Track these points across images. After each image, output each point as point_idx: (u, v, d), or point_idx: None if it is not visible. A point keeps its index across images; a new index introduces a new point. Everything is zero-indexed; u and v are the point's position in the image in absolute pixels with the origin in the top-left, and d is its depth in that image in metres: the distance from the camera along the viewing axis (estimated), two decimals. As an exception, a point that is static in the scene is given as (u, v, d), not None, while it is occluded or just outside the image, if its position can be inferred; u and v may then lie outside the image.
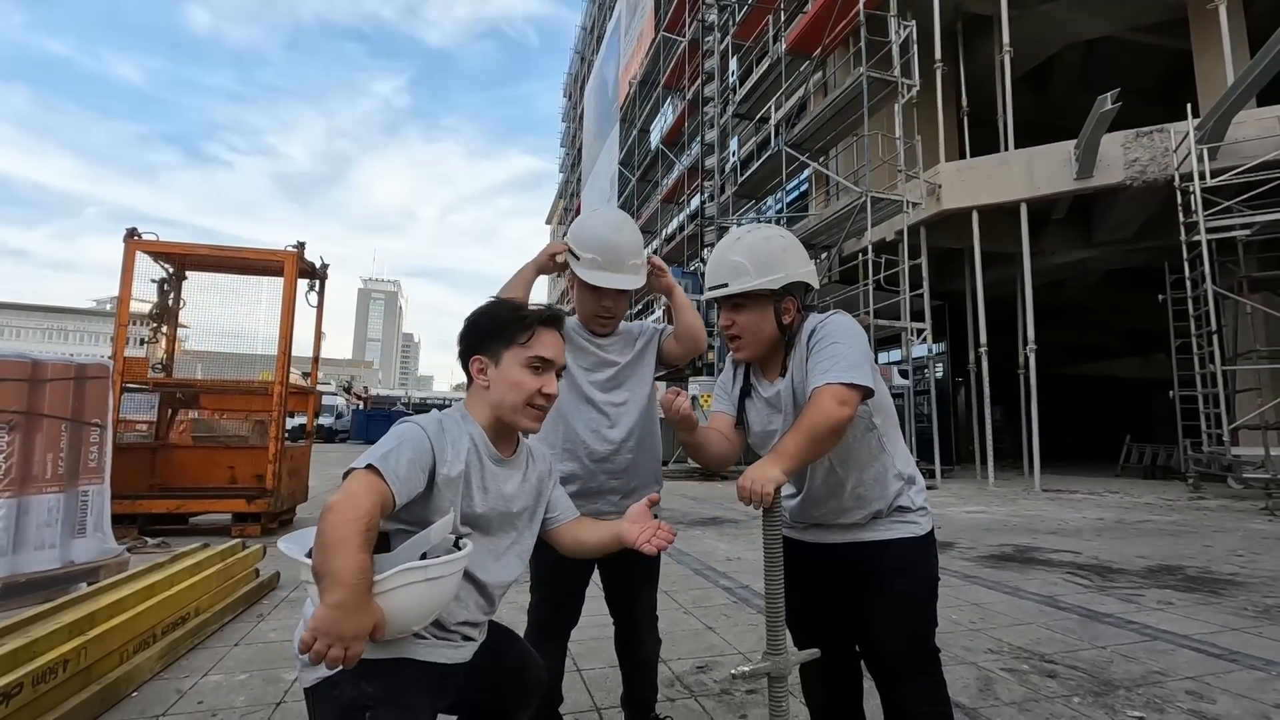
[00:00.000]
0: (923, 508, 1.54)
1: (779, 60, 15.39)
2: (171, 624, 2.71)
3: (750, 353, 1.56)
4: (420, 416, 1.26)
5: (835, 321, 1.47)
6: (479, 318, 1.34)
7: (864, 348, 1.42)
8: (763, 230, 1.56)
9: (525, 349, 1.29)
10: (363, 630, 0.96)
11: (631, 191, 26.55)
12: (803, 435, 1.32)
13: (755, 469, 1.32)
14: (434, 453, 1.18)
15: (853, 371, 1.36)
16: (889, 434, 1.53)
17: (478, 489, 1.26)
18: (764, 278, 1.48)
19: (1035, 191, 11.41)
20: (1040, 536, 5.95)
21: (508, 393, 1.28)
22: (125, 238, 5.66)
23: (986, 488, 11.00)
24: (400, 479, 1.09)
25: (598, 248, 1.79)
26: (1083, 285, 16.53)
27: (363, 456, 1.10)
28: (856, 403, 1.36)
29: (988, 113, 13.91)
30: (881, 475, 1.51)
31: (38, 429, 3.54)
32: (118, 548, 3.96)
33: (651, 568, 1.93)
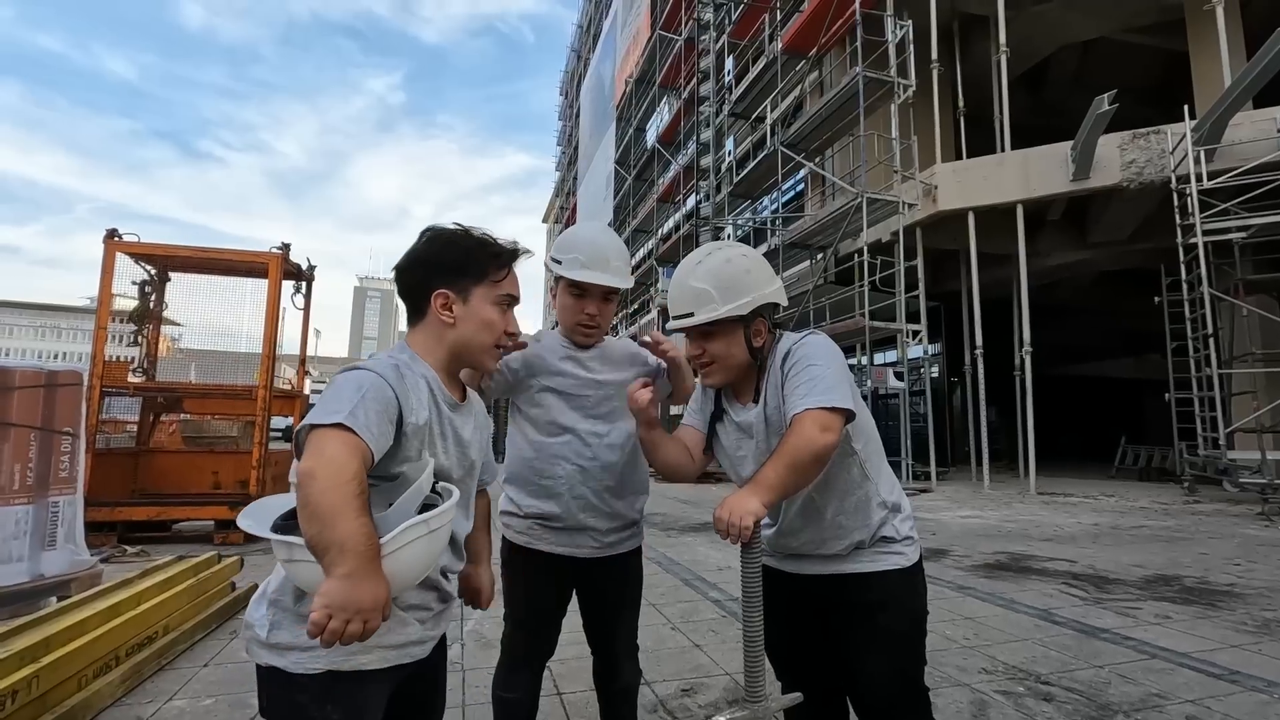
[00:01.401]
0: (909, 537, 1.45)
1: (775, 59, 15.29)
2: (137, 645, 2.61)
3: (721, 378, 1.48)
4: (373, 360, 1.13)
5: (811, 342, 1.39)
6: (447, 245, 1.20)
7: (842, 368, 1.34)
8: (724, 251, 1.47)
9: (497, 287, 1.21)
10: (380, 598, 0.89)
11: (627, 190, 26.45)
12: (783, 464, 1.24)
13: (734, 500, 1.23)
14: (399, 401, 1.07)
15: (832, 394, 1.27)
16: (871, 459, 1.45)
17: (439, 437, 1.17)
18: (731, 304, 1.39)
19: (1031, 193, 11.35)
20: (1035, 544, 5.88)
21: (478, 332, 1.19)
22: (105, 239, 5.55)
23: (981, 490, 10.96)
24: (374, 435, 0.99)
25: (582, 247, 1.70)
26: (1077, 286, 16.51)
27: (319, 412, 0.98)
28: (840, 428, 1.27)
29: (984, 113, 13.85)
30: (863, 503, 1.42)
31: (5, 438, 3.43)
32: (90, 559, 3.85)
33: (633, 592, 1.84)
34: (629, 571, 1.81)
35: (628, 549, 1.80)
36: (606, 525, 1.73)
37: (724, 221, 16.99)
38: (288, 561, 0.97)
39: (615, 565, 1.76)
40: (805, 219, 14.43)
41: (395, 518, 1.01)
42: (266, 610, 1.04)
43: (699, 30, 18.47)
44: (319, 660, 1.00)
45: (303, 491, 0.89)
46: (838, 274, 14.15)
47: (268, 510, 1.08)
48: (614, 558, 1.76)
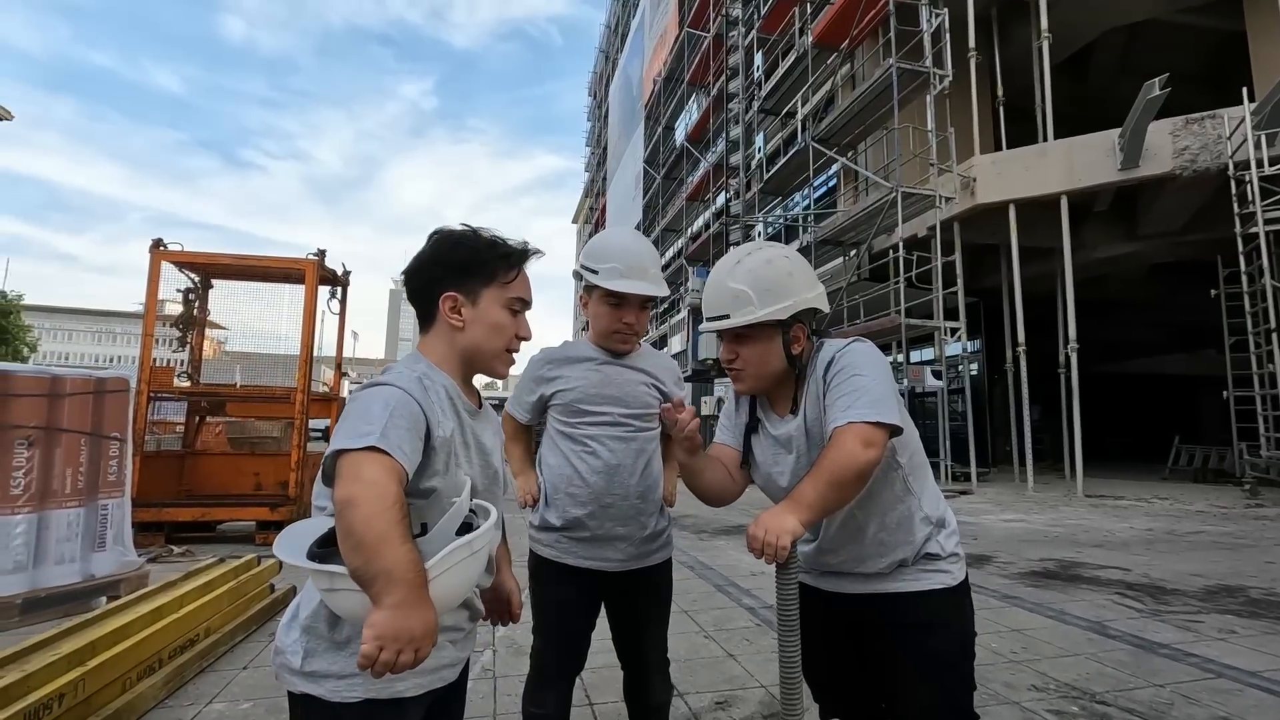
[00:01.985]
0: (954, 554, 1.37)
1: (805, 53, 15.04)
2: (179, 647, 2.66)
3: (753, 385, 1.41)
4: (391, 374, 1.11)
5: (856, 351, 1.31)
6: (454, 246, 1.16)
7: (889, 380, 1.27)
8: (765, 252, 1.40)
9: (507, 289, 1.17)
10: (430, 626, 0.88)
11: (656, 190, 26.39)
12: (823, 481, 1.17)
13: (770, 517, 1.17)
14: (425, 415, 1.05)
15: (878, 408, 1.20)
16: (915, 473, 1.37)
17: (462, 447, 1.15)
18: (770, 307, 1.33)
19: (1076, 183, 10.92)
20: (1085, 550, 5.64)
21: (489, 337, 1.16)
22: (151, 248, 5.73)
23: (1025, 493, 10.59)
24: (406, 454, 0.97)
25: (618, 255, 1.66)
26: (1126, 280, 15.82)
27: (348, 433, 0.95)
28: (884, 444, 1.20)
29: (1024, 103, 13.39)
30: (906, 519, 1.35)
31: (57, 444, 3.55)
32: (138, 560, 3.97)
33: (662, 608, 1.79)
34: (659, 584, 1.77)
35: (658, 560, 1.76)
36: (636, 535, 1.69)
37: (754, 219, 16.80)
38: (329, 591, 0.94)
39: (645, 578, 1.72)
40: (838, 215, 14.16)
41: (437, 541, 0.98)
42: (299, 636, 1.02)
43: (727, 26, 18.30)
44: (356, 689, 0.99)
45: (344, 520, 0.87)
46: (872, 271, 13.87)
47: (300, 536, 1.04)
48: (644, 570, 1.72)
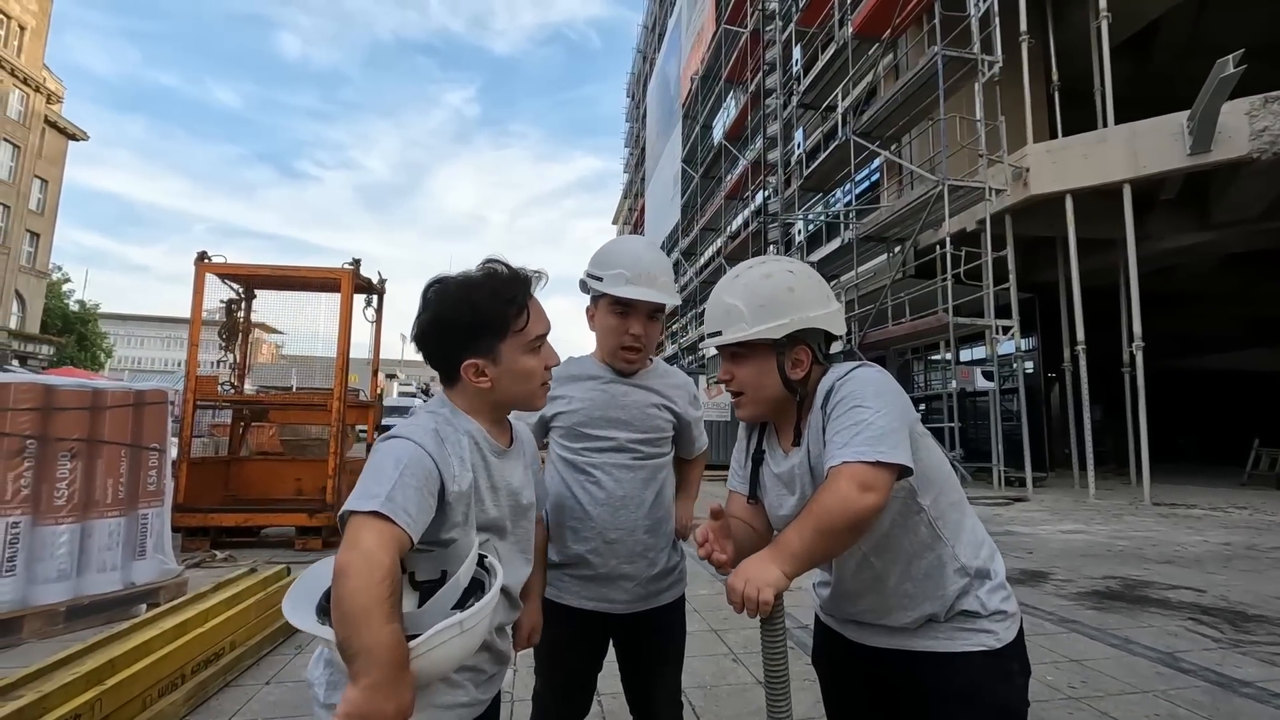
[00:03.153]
0: (1000, 612, 1.18)
1: (845, 45, 14.62)
2: (204, 661, 2.67)
3: (752, 411, 1.28)
4: (409, 426, 1.09)
5: (859, 378, 1.15)
6: (456, 308, 1.12)
7: (898, 410, 1.11)
8: (766, 266, 1.27)
9: (524, 334, 1.15)
10: (404, 707, 0.88)
11: (695, 189, 26.19)
12: (810, 529, 1.03)
13: (750, 566, 1.04)
14: (440, 472, 1.04)
15: (880, 445, 1.04)
16: (945, 515, 1.19)
17: (487, 491, 1.14)
18: (762, 325, 1.20)
19: (1140, 170, 10.25)
20: (1153, 567, 5.24)
21: (518, 385, 1.17)
22: (195, 261, 5.90)
23: (1085, 500, 10.00)
24: (413, 518, 0.96)
25: (625, 261, 1.55)
26: (1197, 272, 14.83)
27: (358, 493, 0.96)
28: (887, 487, 1.04)
29: (1080, 88, 12.68)
30: (935, 570, 1.17)
31: (99, 455, 3.65)
32: (177, 568, 4.07)
33: (673, 651, 1.66)
34: (670, 627, 1.64)
35: (669, 600, 1.62)
36: (645, 573, 1.56)
37: (793, 217, 16.44)
38: (331, 652, 0.96)
39: (654, 620, 1.59)
40: (881, 210, 13.70)
41: (431, 613, 0.98)
42: (324, 670, 1.04)
43: (764, 21, 17.96)
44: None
45: (336, 589, 0.88)
46: (917, 267, 13.37)
47: (318, 579, 1.04)
48: (653, 612, 1.59)
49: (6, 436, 3.31)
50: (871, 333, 13.36)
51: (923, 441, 1.17)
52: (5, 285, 30.41)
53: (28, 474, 3.36)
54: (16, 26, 31.29)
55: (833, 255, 15.52)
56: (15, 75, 30.61)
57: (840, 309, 1.28)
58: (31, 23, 32.19)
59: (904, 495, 1.14)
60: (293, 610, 0.99)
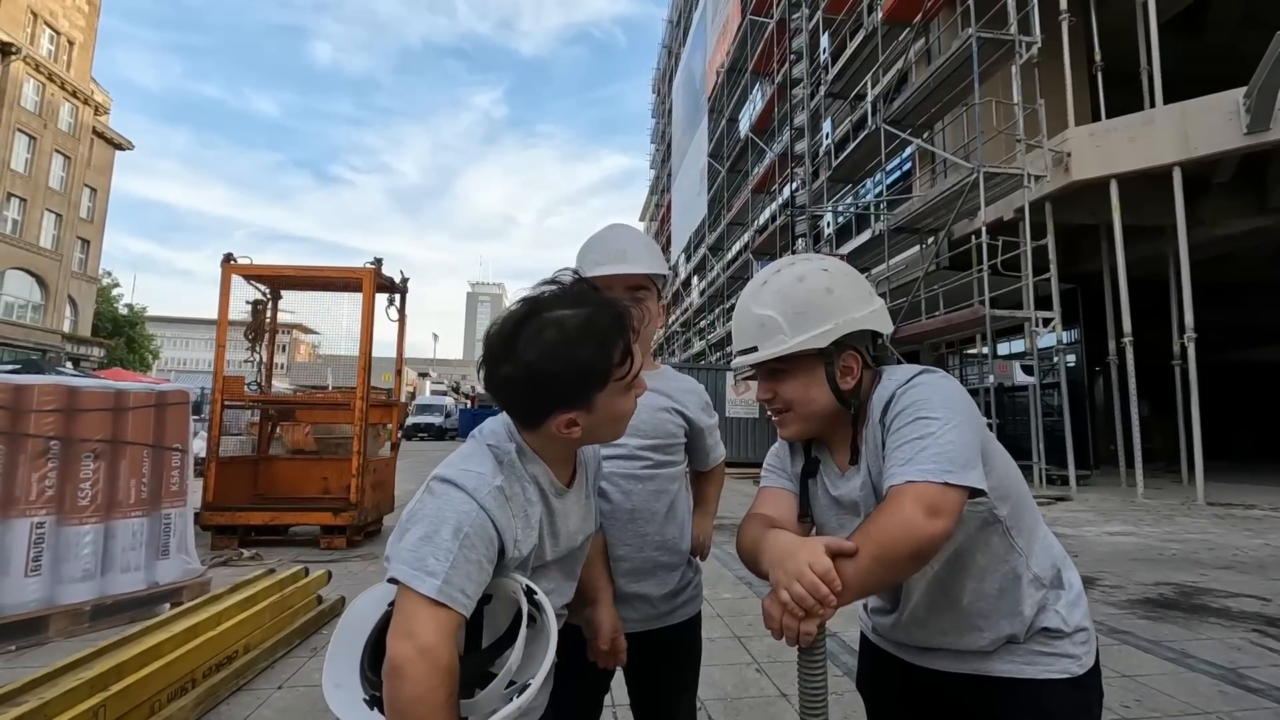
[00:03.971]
0: (1082, 629, 1.06)
1: (875, 31, 14.23)
2: (215, 665, 2.64)
3: (800, 429, 1.14)
4: (469, 472, 0.97)
5: (923, 384, 1.01)
6: (556, 369, 0.96)
7: (968, 422, 0.97)
8: (797, 268, 1.12)
9: (624, 379, 1.03)
10: None
11: (721, 183, 25.93)
12: (867, 556, 0.90)
13: None
14: (501, 538, 0.96)
15: (950, 464, 0.91)
16: (1020, 523, 1.06)
17: (548, 538, 1.06)
18: (805, 334, 1.06)
19: (1191, 152, 9.72)
20: (1210, 572, 4.91)
21: (609, 429, 1.07)
22: (222, 262, 5.97)
23: (1134, 500, 9.54)
24: (470, 598, 0.90)
25: (595, 246, 1.48)
26: (1255, 259, 14.05)
27: (411, 558, 0.88)
28: (956, 511, 0.90)
29: (1125, 67, 12.09)
30: (1011, 583, 1.05)
31: (122, 456, 3.68)
32: (200, 567, 4.09)
33: (689, 671, 1.53)
34: (686, 644, 1.51)
35: (684, 617, 1.49)
36: (657, 590, 1.44)
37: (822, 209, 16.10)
38: None
39: (669, 639, 1.46)
40: (913, 200, 13.30)
41: (483, 706, 0.93)
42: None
43: (790, 9, 17.61)
44: None
45: (391, 687, 0.84)
46: (952, 259, 12.93)
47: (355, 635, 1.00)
48: (667, 630, 1.46)
49: (31, 438, 3.35)
50: (904, 327, 12.98)
51: (992, 448, 1.03)
52: (59, 290, 31.72)
53: (52, 475, 3.39)
54: (65, 41, 32.56)
55: (863, 248, 15.14)
56: (65, 88, 31.86)
57: (883, 305, 1.14)
58: (79, 37, 33.45)
59: (983, 511, 1.01)
60: (335, 694, 0.94)
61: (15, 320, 29.41)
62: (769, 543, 1.02)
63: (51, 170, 31.33)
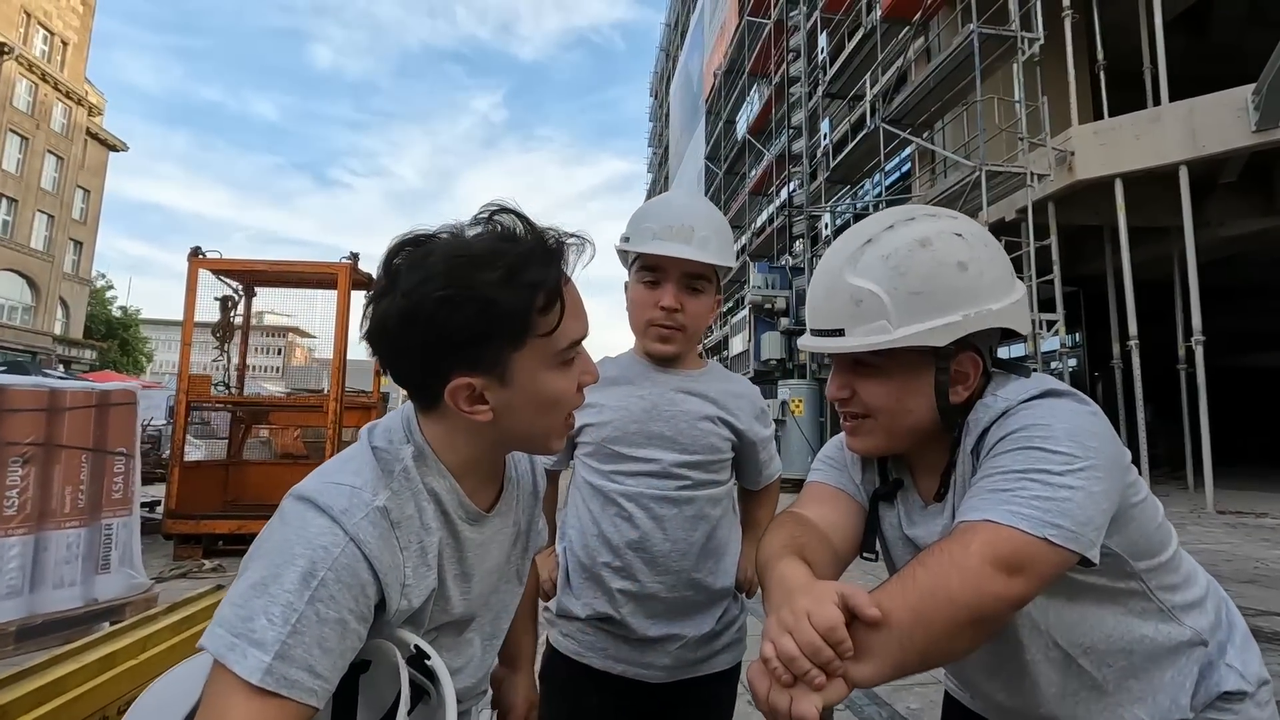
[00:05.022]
0: (1264, 681, 0.80)
1: (874, 30, 14.03)
2: (129, 702, 2.34)
3: (879, 443, 0.84)
4: (337, 488, 0.68)
5: (1048, 407, 0.73)
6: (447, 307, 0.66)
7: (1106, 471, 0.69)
8: (919, 226, 0.80)
9: (553, 339, 0.71)
10: None
11: (719, 185, 25.76)
12: (907, 613, 0.61)
13: None
14: (380, 584, 0.67)
15: (1059, 515, 0.63)
16: (1163, 571, 0.80)
17: (455, 583, 0.77)
18: (916, 324, 0.75)
19: (1199, 151, 9.48)
20: (1234, 587, 4.62)
21: (534, 419, 0.75)
22: (189, 257, 5.68)
23: (1141, 507, 9.25)
24: (321, 679, 0.61)
25: (655, 213, 1.17)
26: (1262, 261, 13.84)
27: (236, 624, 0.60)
28: (1044, 578, 0.64)
29: (1129, 67, 11.87)
30: (1162, 654, 0.78)
31: (56, 460, 3.38)
32: (146, 582, 3.79)
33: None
34: (721, 700, 1.23)
35: (723, 665, 1.21)
36: (693, 632, 1.16)
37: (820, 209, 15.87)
38: None
39: (702, 694, 1.18)
40: (913, 201, 13.07)
41: None
42: None
43: (788, 7, 17.43)
44: None
45: None
46: (953, 260, 12.70)
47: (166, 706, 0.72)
48: (700, 681, 1.18)
49: (-50, 441, 3.06)
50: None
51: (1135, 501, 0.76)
52: (50, 292, 31.42)
53: (-27, 482, 3.10)
54: (59, 42, 32.37)
55: (862, 249, 14.89)
56: (58, 89, 31.64)
57: (1024, 294, 0.83)
58: (74, 38, 33.26)
59: (1109, 563, 0.74)
60: None
61: (5, 322, 29.10)
62: (779, 572, 0.72)
63: (44, 171, 31.08)
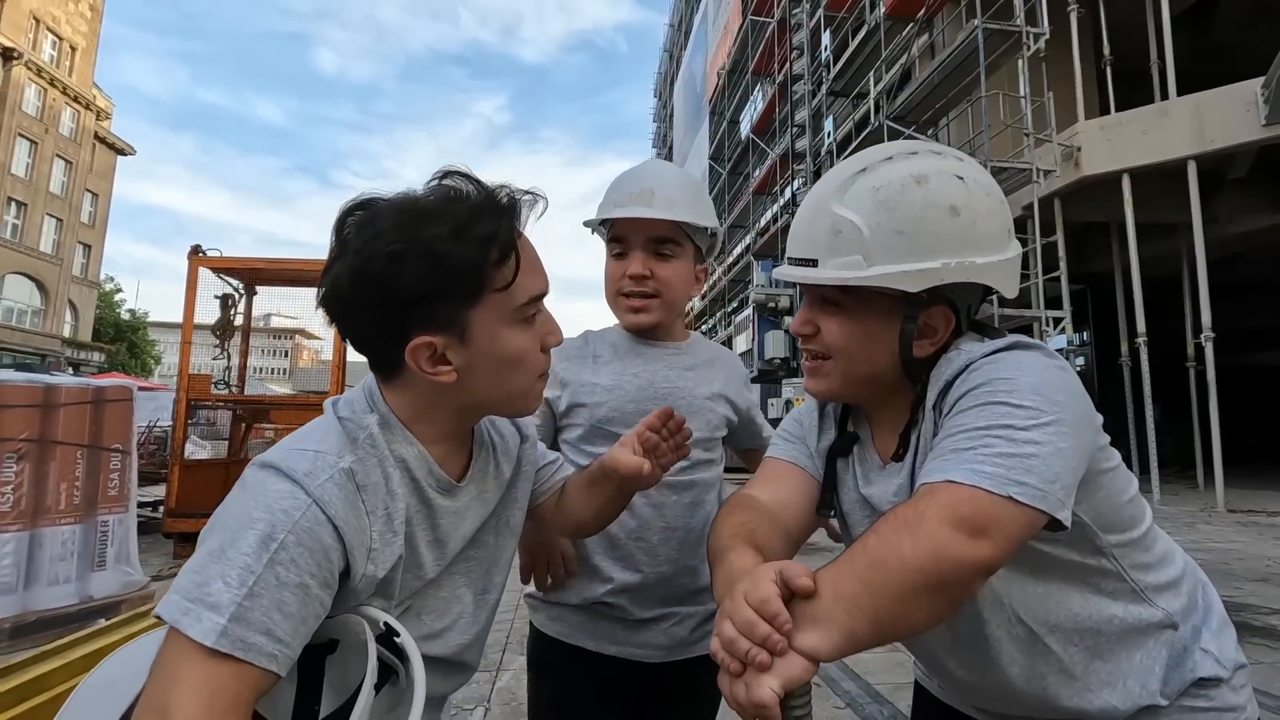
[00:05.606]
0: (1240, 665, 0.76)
1: (877, 27, 13.96)
2: None
3: (835, 387, 0.80)
4: (300, 453, 0.65)
5: (1012, 361, 0.68)
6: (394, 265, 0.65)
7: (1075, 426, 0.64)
8: (920, 161, 0.75)
9: (510, 294, 0.70)
10: None
11: (723, 185, 25.71)
12: (860, 583, 0.57)
13: None
14: (345, 551, 0.65)
15: (1024, 473, 0.59)
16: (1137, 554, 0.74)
17: (428, 550, 0.75)
18: (892, 264, 0.71)
19: (1207, 145, 9.38)
20: (1244, 585, 4.54)
21: (502, 378, 0.73)
22: (189, 255, 5.68)
23: (1150, 505, 9.13)
24: (282, 644, 0.59)
25: (619, 183, 1.13)
26: (1270, 258, 13.68)
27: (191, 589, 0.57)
28: (1011, 539, 0.59)
29: (1135, 65, 11.77)
30: (1132, 634, 0.74)
31: (51, 456, 3.37)
32: (142, 579, 3.77)
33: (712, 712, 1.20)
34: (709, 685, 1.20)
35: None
36: (688, 610, 1.13)
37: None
38: None
39: (696, 671, 1.15)
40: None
41: None
42: None
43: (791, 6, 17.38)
44: None
45: None
46: (958, 258, 12.62)
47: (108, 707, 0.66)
48: (690, 663, 1.15)
49: (-57, 436, 3.05)
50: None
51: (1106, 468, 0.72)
52: (59, 295, 31.62)
53: (-33, 477, 3.09)
54: (68, 47, 32.61)
55: (866, 248, 14.83)
56: (67, 94, 31.88)
57: (1020, 254, 0.78)
58: (82, 43, 33.52)
59: (1075, 534, 0.69)
60: None
61: (15, 325, 29.29)
62: (726, 564, 0.69)
63: (52, 175, 31.30)
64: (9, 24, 28.64)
